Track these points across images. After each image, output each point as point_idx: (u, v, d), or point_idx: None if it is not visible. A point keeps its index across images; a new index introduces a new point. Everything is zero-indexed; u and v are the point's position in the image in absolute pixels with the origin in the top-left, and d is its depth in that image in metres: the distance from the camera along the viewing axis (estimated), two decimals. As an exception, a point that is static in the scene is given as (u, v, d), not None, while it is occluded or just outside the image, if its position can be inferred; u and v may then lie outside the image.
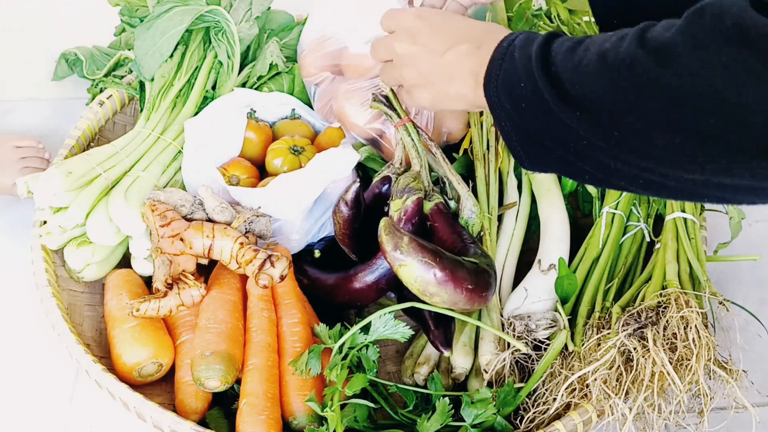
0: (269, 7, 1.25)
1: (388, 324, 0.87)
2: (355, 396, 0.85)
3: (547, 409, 0.85)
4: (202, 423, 0.87)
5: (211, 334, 0.88)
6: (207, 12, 1.14)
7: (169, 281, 0.91)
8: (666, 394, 0.84)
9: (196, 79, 1.15)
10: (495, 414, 0.84)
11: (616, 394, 0.83)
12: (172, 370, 0.93)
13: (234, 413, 0.87)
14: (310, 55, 1.12)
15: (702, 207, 1.05)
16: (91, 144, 1.16)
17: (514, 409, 0.87)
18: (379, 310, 0.88)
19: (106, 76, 1.34)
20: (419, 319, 0.91)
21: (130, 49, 1.34)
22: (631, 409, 0.82)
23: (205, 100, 1.14)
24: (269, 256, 0.90)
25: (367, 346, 0.88)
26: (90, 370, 0.87)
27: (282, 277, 0.90)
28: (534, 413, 0.86)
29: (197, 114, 1.11)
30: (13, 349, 1.02)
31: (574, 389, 0.85)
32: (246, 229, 0.96)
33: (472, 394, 0.86)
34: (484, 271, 0.86)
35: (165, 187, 1.04)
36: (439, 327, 0.90)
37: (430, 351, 0.95)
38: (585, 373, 0.84)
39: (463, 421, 0.84)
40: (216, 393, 0.89)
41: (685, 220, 0.98)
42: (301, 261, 1.02)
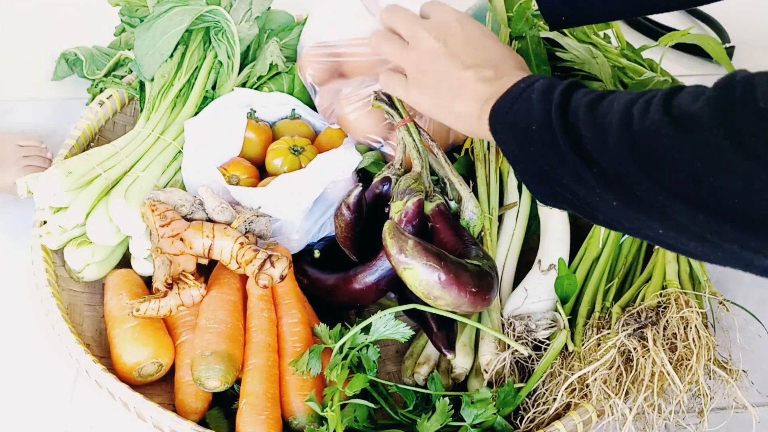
0: (269, 7, 1.25)
1: (388, 324, 0.87)
2: (355, 396, 0.85)
3: (547, 409, 0.85)
4: (202, 423, 0.87)
5: (211, 334, 0.88)
6: (207, 12, 1.14)
7: (169, 281, 0.91)
8: (666, 394, 0.84)
9: (196, 79, 1.15)
10: (495, 414, 0.84)
11: (616, 394, 0.83)
12: (172, 370, 0.93)
13: (234, 413, 0.87)
14: (310, 56, 1.12)
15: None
16: (91, 144, 1.16)
17: (514, 409, 0.87)
18: (380, 311, 0.88)
19: (106, 76, 1.33)
20: (421, 320, 0.91)
21: (130, 49, 1.34)
22: (631, 409, 0.82)
23: (205, 100, 1.14)
24: (269, 256, 0.90)
25: (367, 347, 0.88)
26: (90, 370, 0.87)
27: (282, 277, 0.90)
28: (534, 413, 0.86)
29: (197, 114, 1.11)
30: (13, 349, 1.02)
31: (574, 389, 0.85)
32: (246, 229, 0.96)
33: (472, 394, 0.86)
34: (487, 274, 0.86)
35: (165, 187, 1.04)
36: (441, 329, 0.90)
37: (430, 351, 0.95)
38: (585, 373, 0.84)
39: (463, 421, 0.84)
40: (216, 393, 0.89)
41: (685, 220, 0.98)
42: (301, 261, 1.02)
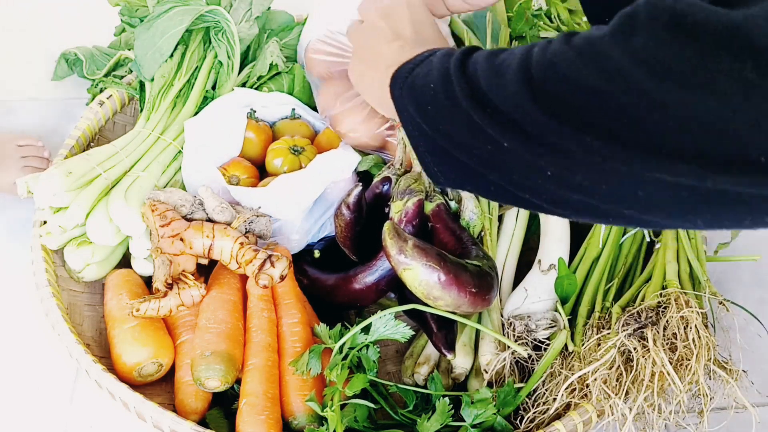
0: (269, 7, 1.25)
1: (388, 324, 0.87)
2: (355, 396, 0.85)
3: (547, 409, 0.85)
4: (202, 423, 0.87)
5: (211, 334, 0.88)
6: (207, 12, 1.14)
7: (169, 281, 0.91)
8: (666, 394, 0.84)
9: (196, 79, 1.14)
10: (495, 414, 0.84)
11: (616, 394, 0.83)
12: (172, 370, 0.93)
13: (234, 413, 0.87)
14: (317, 49, 1.10)
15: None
16: (91, 144, 1.16)
17: (514, 409, 0.87)
18: (380, 311, 0.88)
19: (106, 76, 1.34)
20: (421, 321, 0.91)
21: (130, 49, 1.34)
22: (631, 409, 0.82)
23: (205, 100, 1.14)
24: (269, 256, 0.90)
25: (367, 347, 0.88)
26: (90, 370, 0.87)
27: (282, 277, 0.90)
28: (534, 413, 0.86)
29: (197, 114, 1.11)
30: (13, 349, 1.02)
31: (574, 389, 0.85)
32: (246, 229, 0.96)
33: (472, 394, 0.86)
34: (487, 274, 0.86)
35: (165, 187, 1.04)
36: (441, 330, 0.89)
37: (430, 351, 0.95)
38: (585, 373, 0.84)
39: (463, 421, 0.84)
40: (216, 393, 0.89)
41: (685, 220, 0.98)
42: (301, 261, 1.02)
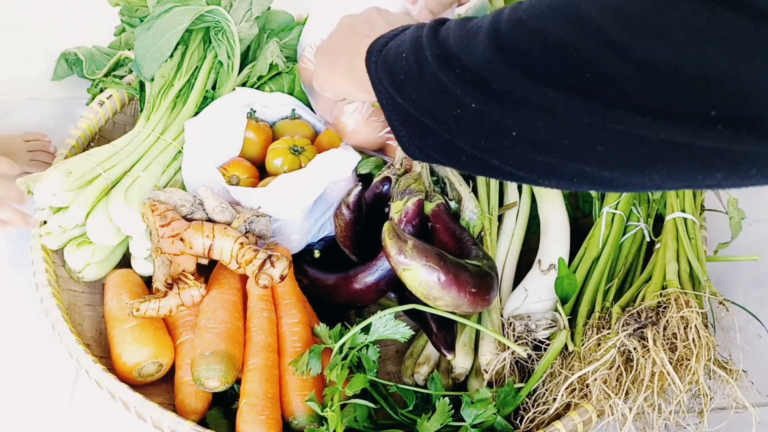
0: (269, 7, 1.25)
1: (388, 324, 0.87)
2: (355, 396, 0.85)
3: (547, 409, 0.85)
4: (202, 423, 0.87)
5: (211, 334, 0.88)
6: (207, 12, 1.14)
7: (169, 281, 0.91)
8: (666, 394, 0.84)
9: (196, 79, 1.14)
10: (495, 414, 0.84)
11: (616, 394, 0.82)
12: (172, 370, 0.93)
13: (234, 413, 0.87)
14: (306, 61, 1.11)
15: (702, 207, 1.05)
16: (91, 144, 1.16)
17: (514, 409, 0.87)
18: (380, 311, 0.88)
19: (106, 76, 1.34)
20: (421, 321, 0.91)
21: (130, 49, 1.34)
22: (631, 409, 0.82)
23: (205, 100, 1.14)
24: (269, 256, 0.90)
25: (367, 346, 0.88)
26: (90, 370, 0.87)
27: (282, 277, 0.90)
28: (534, 413, 0.86)
29: (197, 114, 1.11)
30: (13, 349, 1.02)
31: (574, 389, 0.85)
32: (246, 229, 0.96)
33: (472, 394, 0.86)
34: (487, 274, 0.86)
35: (165, 187, 1.04)
36: (441, 330, 0.89)
37: (430, 351, 0.95)
38: (585, 373, 0.84)
39: (463, 421, 0.84)
40: (216, 393, 0.89)
41: (685, 220, 0.98)
42: (301, 261, 1.02)
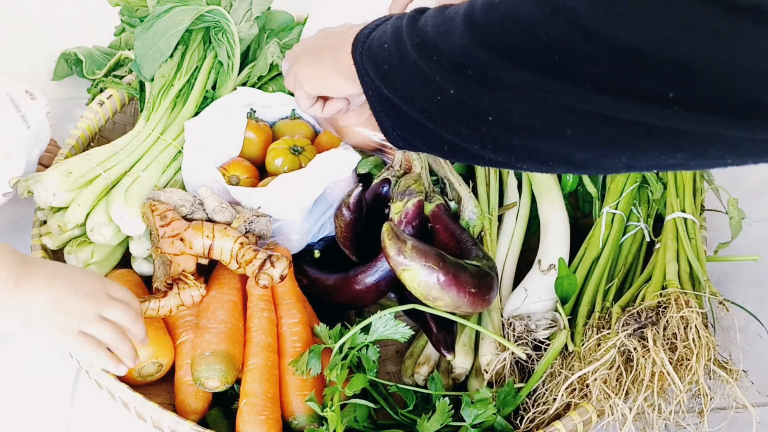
0: (269, 7, 1.25)
1: (388, 324, 0.87)
2: (355, 396, 0.85)
3: (547, 409, 0.85)
4: (202, 423, 0.87)
5: (211, 334, 0.88)
6: (207, 12, 1.14)
7: (169, 281, 0.91)
8: (666, 394, 0.84)
9: (196, 79, 1.14)
10: (495, 414, 0.84)
11: (616, 394, 0.83)
12: (172, 370, 0.93)
13: (234, 413, 0.87)
14: None
15: (702, 207, 1.05)
16: (91, 144, 1.16)
17: (514, 409, 0.87)
18: (380, 311, 0.88)
19: (106, 76, 1.33)
20: (421, 321, 0.91)
21: (130, 49, 1.34)
22: (631, 409, 0.82)
23: (205, 100, 1.14)
24: (269, 256, 0.90)
25: (367, 346, 0.88)
26: (90, 370, 0.87)
27: (282, 277, 0.90)
28: (534, 413, 0.86)
29: (197, 114, 1.11)
30: (13, 349, 1.02)
31: (574, 389, 0.85)
32: (246, 229, 0.96)
33: (472, 394, 0.86)
34: (487, 274, 0.86)
35: (165, 187, 1.04)
36: (441, 330, 0.89)
37: (430, 351, 0.95)
38: (585, 373, 0.84)
39: (463, 421, 0.84)
40: (216, 393, 0.89)
41: (685, 220, 0.98)
42: (301, 261, 1.02)
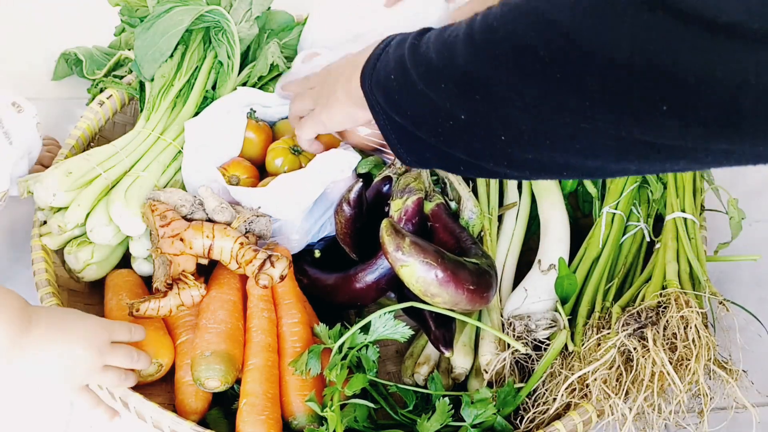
0: (269, 7, 1.25)
1: (387, 324, 0.87)
2: (355, 396, 0.85)
3: (547, 409, 0.85)
4: (202, 423, 0.87)
5: (211, 334, 0.88)
6: (207, 12, 1.14)
7: (169, 281, 0.91)
8: (666, 394, 0.84)
9: (196, 79, 1.14)
10: (495, 414, 0.84)
11: (616, 394, 0.83)
12: (172, 370, 0.93)
13: (234, 413, 0.87)
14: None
15: (702, 207, 1.05)
16: (91, 144, 1.16)
17: (514, 409, 0.87)
18: (379, 310, 0.88)
19: (106, 76, 1.34)
20: (420, 319, 0.91)
21: (130, 49, 1.34)
22: (631, 409, 0.82)
23: (205, 100, 1.14)
24: (269, 256, 0.90)
25: (366, 346, 0.88)
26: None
27: (282, 277, 0.90)
28: (534, 413, 0.86)
29: (197, 114, 1.11)
30: (13, 349, 1.02)
31: (574, 389, 0.85)
32: (246, 229, 0.96)
33: (472, 394, 0.86)
34: (486, 272, 0.86)
35: (165, 187, 1.04)
36: (440, 327, 0.90)
37: (430, 351, 0.95)
38: (585, 373, 0.84)
39: (463, 421, 0.84)
40: (216, 393, 0.89)
41: (685, 220, 0.98)
42: (301, 261, 1.02)
